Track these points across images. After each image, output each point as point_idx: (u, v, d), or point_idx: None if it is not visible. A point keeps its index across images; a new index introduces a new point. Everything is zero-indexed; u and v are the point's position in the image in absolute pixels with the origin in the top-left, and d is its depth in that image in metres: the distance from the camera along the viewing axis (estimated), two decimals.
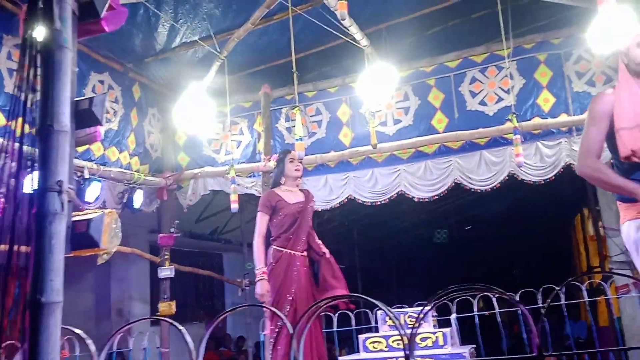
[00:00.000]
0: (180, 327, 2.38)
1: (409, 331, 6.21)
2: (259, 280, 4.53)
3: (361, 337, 5.45)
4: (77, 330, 2.60)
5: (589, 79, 6.30)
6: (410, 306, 6.03)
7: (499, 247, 15.12)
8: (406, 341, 6.10)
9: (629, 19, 4.63)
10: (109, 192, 6.61)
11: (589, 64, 6.30)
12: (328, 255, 4.86)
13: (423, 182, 7.02)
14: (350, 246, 14.41)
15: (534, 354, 2.22)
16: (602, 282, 5.70)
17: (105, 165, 6.48)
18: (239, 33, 6.32)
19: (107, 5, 2.48)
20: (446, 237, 14.61)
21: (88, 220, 2.35)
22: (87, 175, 6.06)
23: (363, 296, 2.47)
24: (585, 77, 6.32)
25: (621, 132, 2.72)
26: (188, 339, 2.28)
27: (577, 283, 6.02)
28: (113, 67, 6.72)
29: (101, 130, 2.47)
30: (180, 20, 6.15)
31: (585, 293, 5.71)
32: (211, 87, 6.91)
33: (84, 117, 2.39)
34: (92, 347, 2.48)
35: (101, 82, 6.56)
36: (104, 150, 6.53)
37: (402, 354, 5.79)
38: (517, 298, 6.30)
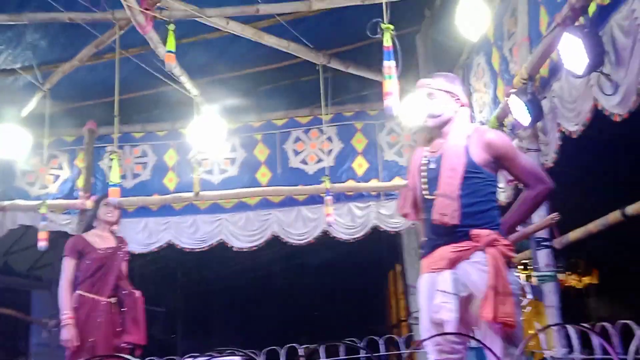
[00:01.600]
0: None
1: None
2: (64, 325, 4.39)
3: None
4: None
5: (398, 149, 6.95)
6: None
7: (321, 296, 15.62)
8: None
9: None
10: None
11: (399, 136, 6.96)
12: (137, 295, 4.79)
13: (244, 233, 7.20)
14: (173, 289, 14.13)
15: None
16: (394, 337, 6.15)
17: None
18: (64, 68, 6.16)
19: None
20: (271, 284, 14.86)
21: None
22: None
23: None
24: (394, 148, 6.96)
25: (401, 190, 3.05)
26: None
27: (393, 336, 6.47)
28: None
29: None
30: (1, 46, 5.87)
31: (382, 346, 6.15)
32: (31, 116, 6.61)
33: None
34: None
35: None
36: None
37: None
38: (343, 348, 6.66)
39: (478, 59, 5.20)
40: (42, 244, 6.39)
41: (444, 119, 2.86)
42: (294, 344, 6.63)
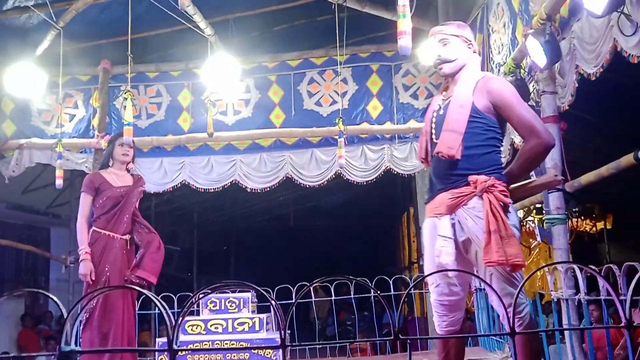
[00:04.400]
0: None
1: (228, 315, 6.40)
2: (82, 260, 4.51)
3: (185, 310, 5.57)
4: None
5: (414, 92, 6.87)
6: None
7: (335, 237, 15.82)
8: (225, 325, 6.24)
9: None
10: None
11: (415, 78, 6.87)
12: (155, 236, 4.89)
13: (257, 174, 7.24)
14: (190, 229, 14.37)
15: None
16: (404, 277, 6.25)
17: None
18: (77, 5, 6.11)
19: None
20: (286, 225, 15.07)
21: None
22: None
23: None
24: (410, 90, 6.88)
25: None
26: None
27: (404, 276, 6.60)
28: None
29: None
30: None
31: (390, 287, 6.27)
32: (46, 55, 6.60)
33: None
34: None
35: None
36: None
37: (219, 337, 6.00)
38: (352, 288, 6.79)
39: None
40: (59, 182, 6.48)
41: (458, 64, 2.90)
42: (305, 282, 6.78)
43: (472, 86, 2.81)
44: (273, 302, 4.76)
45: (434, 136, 2.89)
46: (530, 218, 8.37)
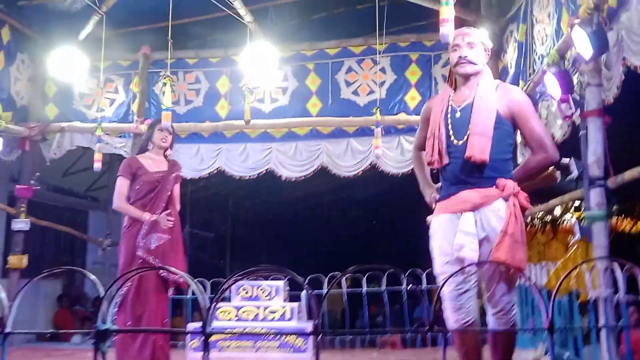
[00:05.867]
0: None
1: (259, 303, 6.44)
2: (152, 218, 4.51)
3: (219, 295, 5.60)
4: None
5: None
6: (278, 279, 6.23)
7: (368, 228, 15.76)
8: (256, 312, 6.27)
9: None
10: None
11: None
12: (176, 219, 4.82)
13: (292, 162, 7.24)
14: (224, 215, 14.48)
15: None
16: None
17: None
18: None
19: None
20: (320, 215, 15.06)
21: None
22: None
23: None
24: None
25: (427, 140, 3.05)
26: (3, 295, 2.30)
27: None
28: None
29: None
30: None
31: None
32: (88, 40, 6.73)
33: None
34: None
35: None
36: None
37: (250, 324, 6.04)
38: (385, 280, 6.77)
39: None
40: (97, 165, 6.59)
41: (477, 69, 3.02)
42: (337, 272, 6.77)
43: (494, 93, 2.95)
44: (307, 289, 4.76)
45: (453, 138, 2.96)
46: (568, 215, 8.20)
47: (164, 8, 6.46)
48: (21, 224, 7.09)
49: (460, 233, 2.87)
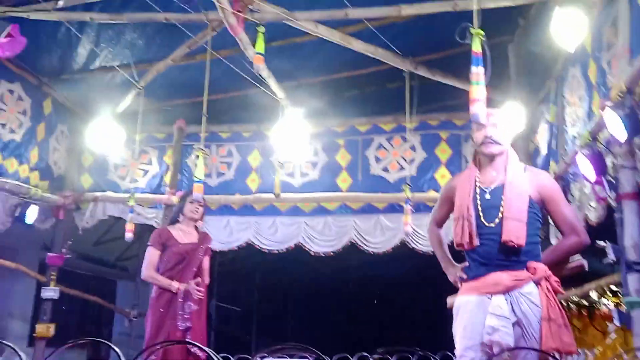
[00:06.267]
0: (20, 352, 2.36)
1: None
2: (180, 288, 4.54)
3: None
4: None
5: None
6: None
7: (397, 306, 15.42)
8: None
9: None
10: (1, 203, 6.42)
11: None
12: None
13: (321, 237, 7.22)
14: (250, 289, 14.35)
15: None
16: None
17: (0, 176, 6.32)
18: (159, 67, 6.42)
19: (5, 32, 2.55)
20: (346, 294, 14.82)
21: None
22: None
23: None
24: None
25: (455, 221, 3.01)
26: None
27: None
28: (26, 78, 6.64)
29: None
30: (102, 45, 6.18)
31: None
32: (125, 112, 6.93)
33: None
34: None
35: (11, 91, 6.46)
36: (2, 160, 6.38)
37: None
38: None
39: (573, 70, 4.96)
40: (129, 235, 6.65)
41: (502, 149, 3.02)
42: (366, 353, 6.56)
43: (524, 177, 2.96)
44: None
45: (483, 220, 2.92)
46: (605, 300, 7.91)
47: (200, 83, 6.67)
48: (50, 292, 7.12)
49: (492, 316, 2.77)
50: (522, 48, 6.30)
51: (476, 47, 3.24)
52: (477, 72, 3.22)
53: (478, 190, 2.98)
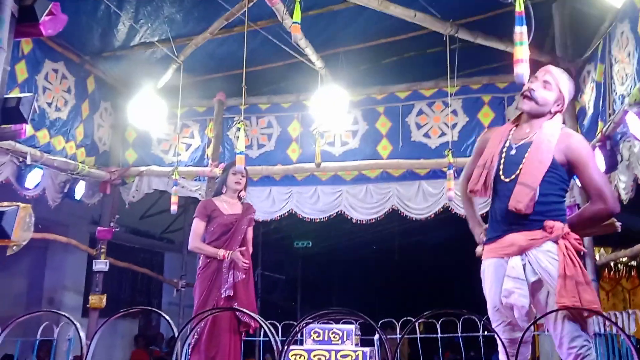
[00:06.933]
0: (75, 322, 2.45)
1: (331, 347, 6.37)
2: (227, 256, 4.63)
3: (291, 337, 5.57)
4: None
5: None
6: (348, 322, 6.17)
7: (441, 273, 15.41)
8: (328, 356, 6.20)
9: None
10: (50, 180, 6.61)
11: None
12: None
13: (363, 205, 7.22)
14: (294, 258, 14.53)
15: None
16: None
17: (49, 153, 6.49)
18: (197, 40, 6.45)
19: (47, 11, 2.59)
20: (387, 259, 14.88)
21: (1, 213, 2.43)
22: (29, 162, 6.07)
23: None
24: None
25: (476, 168, 3.03)
26: (82, 334, 2.37)
27: None
28: (69, 57, 6.76)
29: (27, 128, 2.58)
30: (141, 21, 6.24)
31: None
32: (166, 88, 7.00)
33: (11, 114, 2.50)
34: None
35: (55, 70, 6.58)
36: (50, 139, 6.55)
37: None
38: (460, 325, 6.57)
39: (622, 26, 4.79)
40: (174, 208, 6.77)
41: (539, 111, 2.94)
42: (410, 317, 6.61)
43: (554, 141, 2.87)
44: (380, 333, 4.65)
45: (502, 174, 2.92)
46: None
47: (239, 56, 6.69)
48: (101, 264, 7.34)
49: (508, 279, 2.79)
50: (566, 7, 6.12)
51: (519, 6, 3.18)
52: (521, 31, 3.17)
53: (507, 144, 2.97)
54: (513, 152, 2.93)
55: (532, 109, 2.95)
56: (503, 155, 2.95)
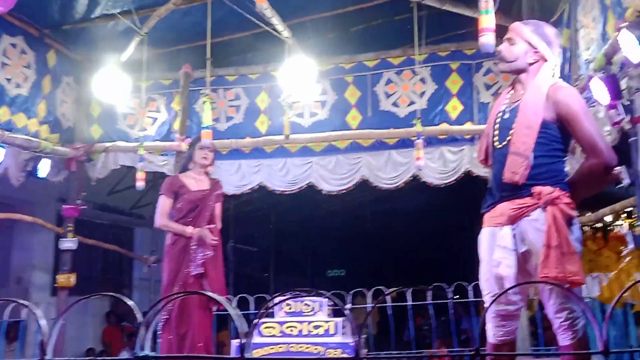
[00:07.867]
0: (36, 310, 2.39)
1: (303, 318, 6.40)
2: (195, 233, 4.59)
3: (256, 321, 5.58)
4: None
5: (496, 91, 6.64)
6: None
7: (412, 240, 15.60)
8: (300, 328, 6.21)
9: None
10: (12, 159, 6.45)
11: (497, 77, 6.63)
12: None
13: (333, 176, 7.21)
14: (267, 230, 14.54)
15: None
16: None
17: (10, 132, 6.31)
18: (160, 11, 6.28)
19: None
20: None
21: None
22: None
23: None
24: (492, 89, 6.66)
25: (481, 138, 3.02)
26: (43, 322, 2.31)
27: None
28: (28, 31, 6.53)
29: None
30: None
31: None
32: (130, 60, 6.83)
33: None
34: None
35: (13, 45, 6.36)
36: (11, 116, 6.36)
37: (294, 340, 5.99)
38: (430, 293, 6.65)
39: None
40: (140, 184, 6.68)
41: (514, 67, 2.89)
42: (380, 287, 6.69)
43: (541, 98, 2.76)
44: (347, 311, 4.68)
45: (496, 140, 2.88)
46: (619, 222, 7.92)
47: (203, 27, 6.56)
48: (69, 243, 7.23)
49: (498, 248, 2.77)
50: None
51: None
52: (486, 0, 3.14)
53: (503, 108, 2.93)
54: (506, 115, 2.88)
55: (505, 68, 2.93)
56: (497, 120, 2.92)
